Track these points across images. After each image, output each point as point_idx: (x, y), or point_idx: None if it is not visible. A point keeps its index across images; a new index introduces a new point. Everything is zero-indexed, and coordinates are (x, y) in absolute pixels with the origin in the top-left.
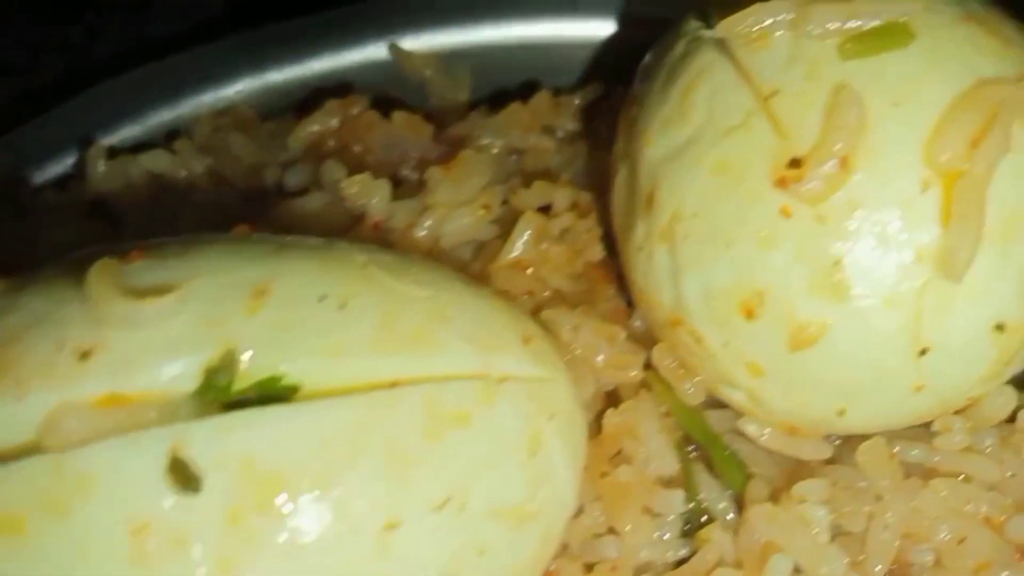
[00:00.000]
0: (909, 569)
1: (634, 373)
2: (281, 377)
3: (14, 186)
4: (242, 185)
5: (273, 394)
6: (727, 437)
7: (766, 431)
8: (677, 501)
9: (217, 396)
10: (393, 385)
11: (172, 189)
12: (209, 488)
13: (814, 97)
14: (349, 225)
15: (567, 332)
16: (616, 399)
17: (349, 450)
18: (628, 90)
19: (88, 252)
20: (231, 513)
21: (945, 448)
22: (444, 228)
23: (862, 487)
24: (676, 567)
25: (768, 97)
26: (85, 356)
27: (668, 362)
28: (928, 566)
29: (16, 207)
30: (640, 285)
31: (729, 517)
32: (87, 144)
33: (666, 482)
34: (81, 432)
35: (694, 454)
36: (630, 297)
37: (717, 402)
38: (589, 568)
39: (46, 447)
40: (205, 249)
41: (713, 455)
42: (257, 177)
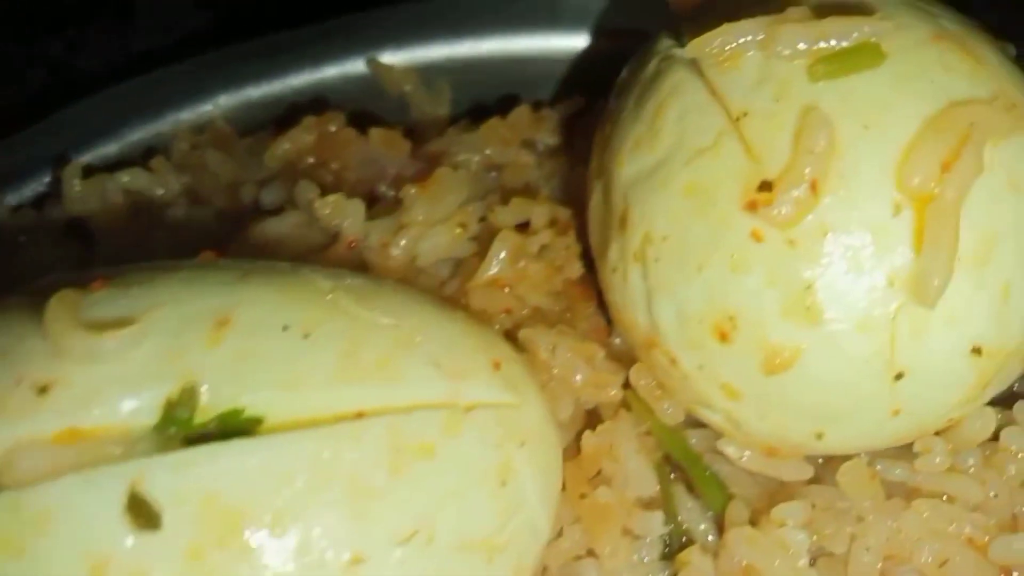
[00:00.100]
0: None
1: (613, 392)
2: (243, 410)
3: None
4: (219, 203)
5: (235, 427)
6: (707, 457)
7: (746, 452)
8: (657, 523)
9: (179, 429)
10: (358, 416)
11: (148, 208)
12: (169, 524)
13: (784, 119)
14: (325, 244)
15: (545, 352)
16: (596, 418)
17: (312, 484)
18: (606, 104)
19: (50, 281)
20: (192, 550)
21: (927, 469)
22: (420, 247)
23: (844, 508)
24: None
25: (738, 119)
26: (44, 390)
27: (646, 382)
28: None
29: None
30: (616, 305)
31: (709, 539)
32: (63, 162)
33: (646, 503)
34: (39, 468)
35: (674, 475)
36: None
37: (697, 421)
38: None
39: (3, 484)
40: (168, 277)
41: (693, 475)
42: (234, 195)
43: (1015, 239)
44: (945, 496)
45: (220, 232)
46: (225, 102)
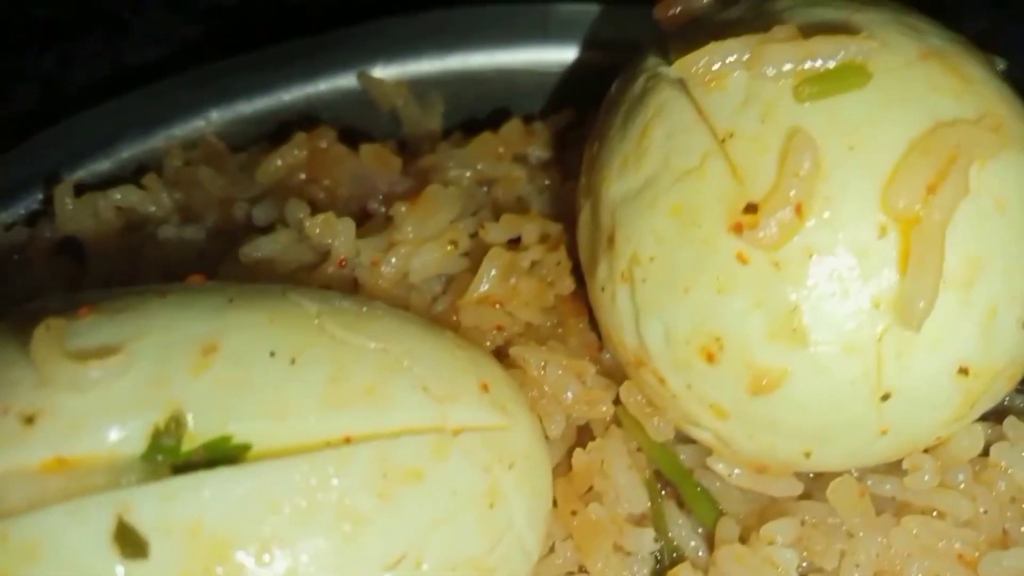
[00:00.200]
0: None
1: (604, 408)
2: (230, 437)
3: None
4: (211, 220)
5: (222, 455)
6: (698, 473)
7: (736, 469)
8: (648, 539)
9: (166, 458)
10: (346, 441)
11: (140, 226)
12: (157, 553)
13: (769, 140)
14: (316, 262)
15: (535, 369)
16: (587, 434)
17: (300, 511)
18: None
19: (37, 307)
20: None
21: (917, 486)
22: (411, 264)
23: (834, 524)
24: None
25: (724, 140)
26: (30, 420)
27: (636, 399)
28: None
29: None
30: (605, 324)
31: (700, 555)
32: (55, 180)
33: (637, 520)
34: (26, 499)
35: (665, 491)
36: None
37: (688, 437)
38: None
39: None
40: (155, 303)
41: (684, 491)
42: (227, 212)
43: (1001, 260)
44: (935, 512)
45: (212, 250)
46: (217, 117)
